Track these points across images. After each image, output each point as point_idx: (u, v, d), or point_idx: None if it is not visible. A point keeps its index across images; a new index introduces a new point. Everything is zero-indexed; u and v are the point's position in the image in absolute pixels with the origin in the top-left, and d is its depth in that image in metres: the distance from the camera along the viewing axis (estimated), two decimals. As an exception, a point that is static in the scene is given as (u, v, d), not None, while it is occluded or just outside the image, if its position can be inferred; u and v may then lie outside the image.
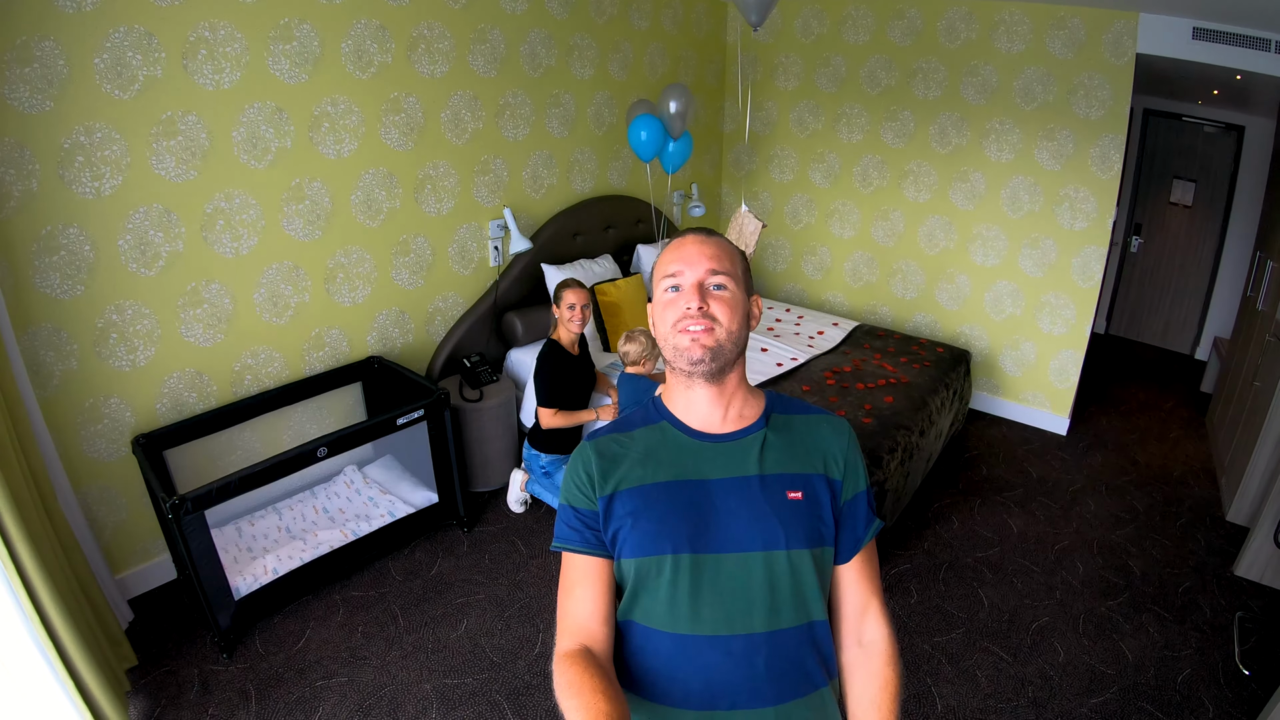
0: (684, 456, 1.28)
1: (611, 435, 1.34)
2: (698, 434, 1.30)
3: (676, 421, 1.32)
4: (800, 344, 4.90)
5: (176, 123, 3.11)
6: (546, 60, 4.52)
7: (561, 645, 1.20)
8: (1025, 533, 4.06)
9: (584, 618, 1.23)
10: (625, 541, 1.24)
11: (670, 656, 1.24)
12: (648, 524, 1.23)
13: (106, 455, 3.21)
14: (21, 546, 2.31)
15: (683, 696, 1.24)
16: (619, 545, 1.25)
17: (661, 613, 1.23)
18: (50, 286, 2.91)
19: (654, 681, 1.26)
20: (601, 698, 1.04)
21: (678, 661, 1.23)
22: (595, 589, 1.25)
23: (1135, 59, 4.41)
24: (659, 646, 1.24)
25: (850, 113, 5.51)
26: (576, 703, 1.05)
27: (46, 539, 2.50)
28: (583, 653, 1.16)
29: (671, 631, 1.23)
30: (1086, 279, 4.91)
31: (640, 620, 1.26)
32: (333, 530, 3.55)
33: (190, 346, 3.38)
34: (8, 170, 2.71)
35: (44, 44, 2.70)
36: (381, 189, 3.90)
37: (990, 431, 5.26)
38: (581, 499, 1.28)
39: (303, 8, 3.38)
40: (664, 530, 1.22)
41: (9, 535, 2.29)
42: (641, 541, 1.22)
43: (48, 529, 2.56)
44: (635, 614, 1.27)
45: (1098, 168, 4.70)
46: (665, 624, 1.23)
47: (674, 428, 1.32)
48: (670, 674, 1.24)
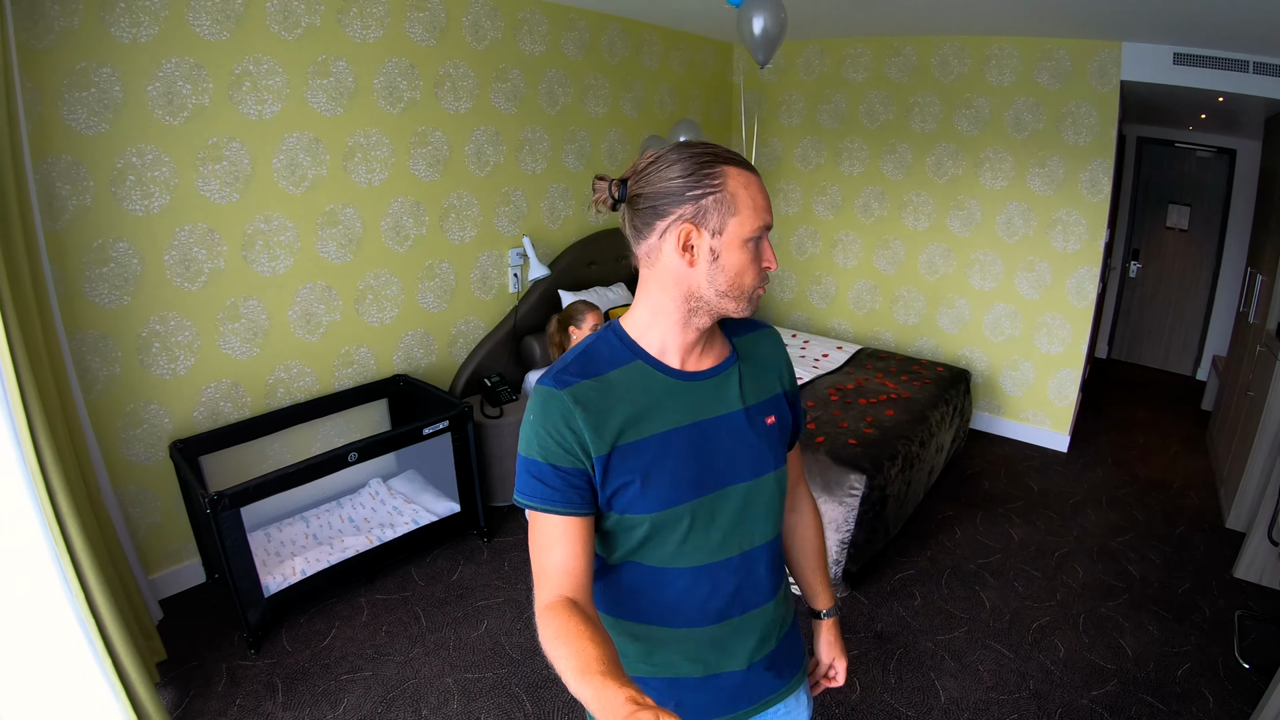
0: (673, 399, 1.20)
1: (583, 381, 1.16)
2: (679, 373, 1.21)
3: (652, 360, 1.20)
4: (806, 365, 4.92)
5: (221, 148, 3.22)
6: (563, 98, 4.65)
7: (543, 597, 1.10)
8: (1026, 541, 4.02)
9: (565, 571, 1.12)
10: (635, 499, 1.16)
11: (685, 587, 1.23)
12: (660, 480, 1.16)
13: (144, 459, 3.26)
14: (75, 533, 2.36)
15: (699, 615, 1.25)
16: (623, 502, 1.16)
17: (674, 553, 1.21)
18: (99, 296, 2.99)
19: (666, 609, 1.25)
20: (590, 643, 0.98)
21: (692, 589, 1.23)
22: (577, 545, 1.14)
23: (1120, 86, 4.49)
24: (673, 580, 1.23)
25: (851, 147, 5.60)
26: (565, 650, 0.99)
27: (92, 530, 2.54)
28: (566, 602, 1.08)
29: (686, 566, 1.22)
30: (1081, 299, 4.94)
31: (649, 561, 1.22)
32: (358, 536, 3.57)
33: (227, 358, 3.45)
34: (64, 185, 2.82)
35: (102, 71, 2.82)
36: (409, 216, 4.00)
37: (992, 449, 5.23)
38: (563, 456, 1.13)
39: (339, 46, 3.51)
40: (677, 483, 1.18)
41: (65, 522, 2.34)
42: (657, 498, 1.17)
43: (93, 521, 2.60)
44: (642, 556, 1.22)
45: (1088, 191, 4.76)
46: (679, 561, 1.22)
47: (652, 367, 1.20)
48: (684, 600, 1.24)
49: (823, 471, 3.49)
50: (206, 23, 3.06)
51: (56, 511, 2.33)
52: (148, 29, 2.90)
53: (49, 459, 2.33)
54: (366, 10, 3.57)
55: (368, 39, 3.61)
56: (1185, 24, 3.83)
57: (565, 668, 0.97)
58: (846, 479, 3.43)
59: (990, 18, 4.39)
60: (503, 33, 4.19)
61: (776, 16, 3.33)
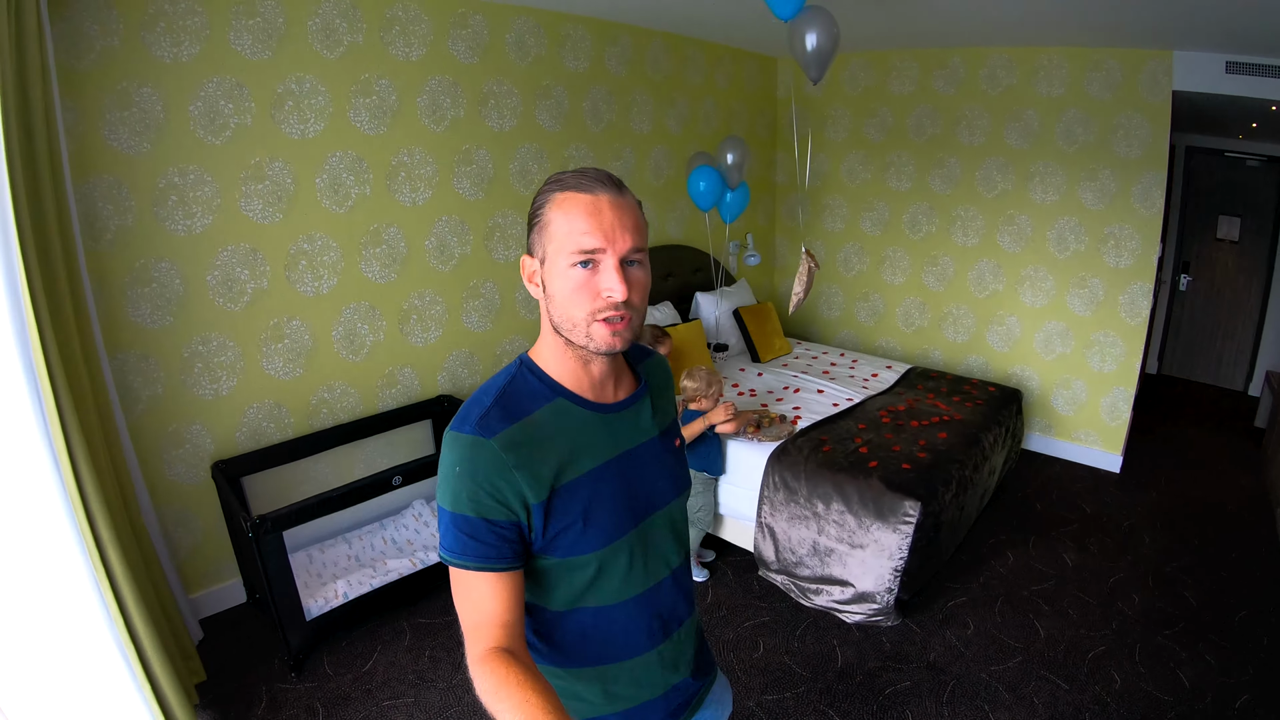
0: (598, 433, 1.16)
1: (510, 426, 1.07)
2: (598, 406, 1.17)
3: (573, 396, 1.15)
4: (855, 386, 4.67)
5: (264, 168, 3.10)
6: (608, 115, 4.49)
7: (475, 650, 1.02)
8: (1080, 566, 3.76)
9: (499, 625, 1.04)
10: (578, 539, 1.11)
11: (631, 618, 1.21)
12: (601, 516, 1.13)
13: (187, 479, 3.13)
14: (113, 553, 2.24)
15: (648, 641, 1.24)
16: (566, 543, 1.10)
17: (620, 587, 1.18)
18: (141, 316, 2.88)
19: (618, 645, 1.22)
20: (532, 692, 0.94)
21: (638, 618, 1.22)
22: (510, 598, 1.06)
23: (1171, 96, 4.22)
24: (619, 615, 1.20)
25: (898, 161, 5.35)
26: (508, 703, 0.94)
27: (131, 551, 2.41)
28: (501, 653, 1.01)
29: (628, 598, 1.19)
30: (1134, 316, 4.64)
31: (596, 602, 1.17)
32: (402, 559, 3.40)
33: (270, 379, 3.32)
34: (106, 205, 2.71)
35: (143, 90, 2.72)
36: (454, 235, 3.85)
37: (1044, 470, 4.93)
38: (496, 509, 1.05)
39: (382, 65, 3.39)
40: (616, 516, 1.15)
41: (104, 543, 2.23)
42: (600, 535, 1.13)
43: (132, 542, 2.47)
44: (589, 598, 1.17)
45: (1140, 205, 4.47)
46: (625, 593, 1.19)
47: (573, 403, 1.15)
48: (633, 631, 1.22)
49: (876, 497, 3.27)
50: (248, 41, 2.95)
51: (95, 534, 2.22)
52: (189, 48, 2.80)
53: (88, 480, 2.21)
54: (409, 29, 3.44)
55: (410, 57, 3.48)
56: (1238, 32, 3.61)
57: (510, 719, 0.93)
58: (901, 505, 3.21)
59: (1039, 28, 4.15)
60: (546, 49, 4.04)
61: (829, 31, 3.12)
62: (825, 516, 3.39)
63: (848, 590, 3.31)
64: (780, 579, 3.54)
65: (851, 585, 3.29)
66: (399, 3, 3.38)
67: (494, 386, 1.13)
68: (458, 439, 1.07)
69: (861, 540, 3.28)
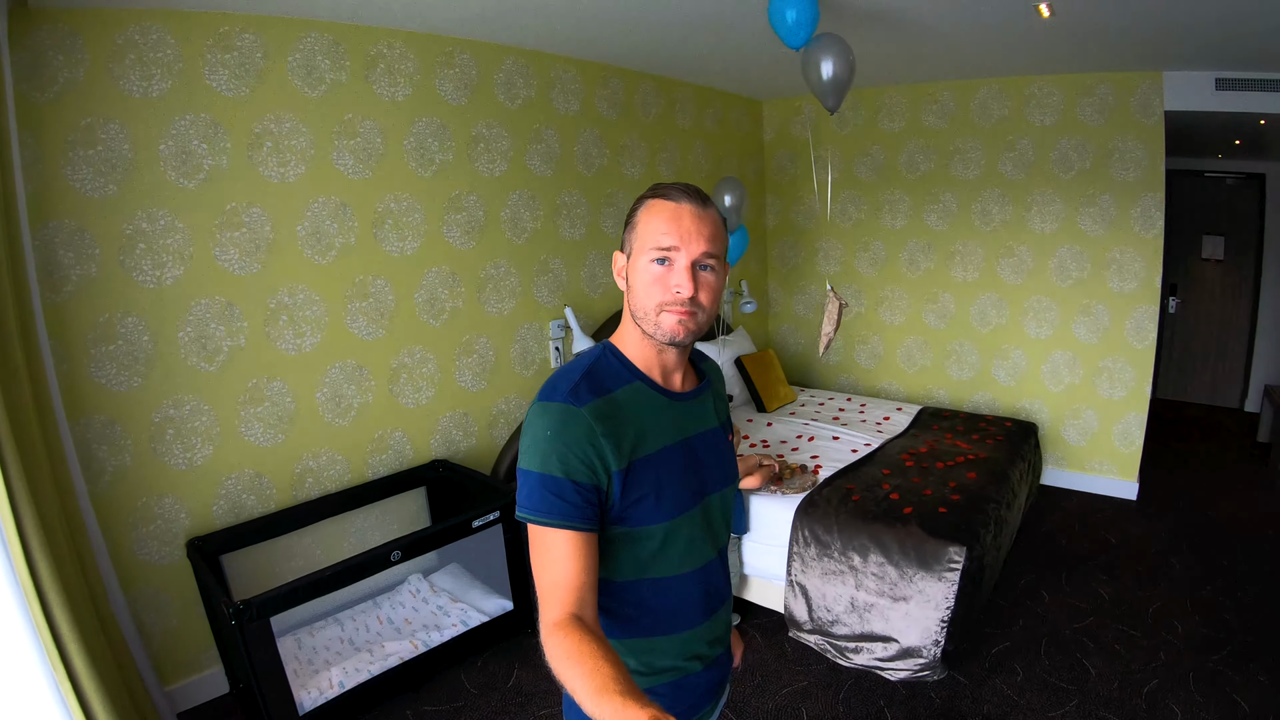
0: (669, 416, 1.26)
1: (597, 399, 1.17)
2: (670, 393, 1.28)
3: (649, 380, 1.26)
4: (870, 430, 4.45)
5: (241, 214, 2.84)
6: (599, 160, 4.31)
7: (550, 615, 1.08)
8: (1117, 599, 3.62)
9: (575, 588, 1.10)
10: (650, 510, 1.19)
11: (685, 591, 1.29)
12: (670, 491, 1.22)
13: (159, 558, 2.76)
14: (74, 647, 1.91)
15: (697, 615, 1.31)
16: (639, 514, 1.19)
17: (678, 561, 1.26)
18: (106, 377, 2.56)
19: (670, 617, 1.29)
20: (604, 662, 0.98)
21: (691, 592, 1.29)
22: (588, 560, 1.12)
23: (1164, 116, 4.21)
24: (675, 587, 1.27)
25: (892, 199, 5.24)
26: (579, 670, 0.98)
27: (96, 642, 2.04)
28: (575, 620, 1.06)
29: (685, 572, 1.27)
30: (1141, 340, 4.54)
31: (656, 574, 1.25)
32: (401, 641, 3.03)
33: (250, 446, 2.99)
34: (67, 253, 2.42)
35: (109, 126, 2.46)
36: (444, 288, 3.59)
37: (1061, 504, 4.76)
38: (584, 472, 1.12)
39: (366, 105, 3.18)
40: (682, 492, 1.24)
41: (62, 636, 1.90)
42: (669, 508, 1.21)
43: (97, 632, 2.11)
44: (651, 569, 1.24)
45: (1140, 228, 4.41)
46: (683, 567, 1.27)
47: (649, 387, 1.25)
48: (685, 604, 1.30)
49: (917, 546, 3.03)
50: (224, 77, 2.72)
51: (52, 626, 1.89)
52: (160, 83, 2.56)
53: (43, 565, 1.90)
54: (394, 67, 3.24)
55: (396, 97, 3.27)
56: (1225, 48, 3.60)
57: (580, 687, 0.96)
58: (945, 552, 2.98)
59: (1027, 57, 4.11)
60: (536, 91, 3.87)
61: (845, 58, 2.96)
62: (863, 570, 3.13)
63: (891, 646, 3.03)
64: (814, 639, 3.23)
65: (895, 641, 3.02)
66: (384, 39, 3.18)
67: (580, 365, 1.23)
68: (548, 407, 1.15)
69: (905, 592, 3.03)
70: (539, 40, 3.66)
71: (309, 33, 2.94)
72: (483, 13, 3.11)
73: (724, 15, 3.25)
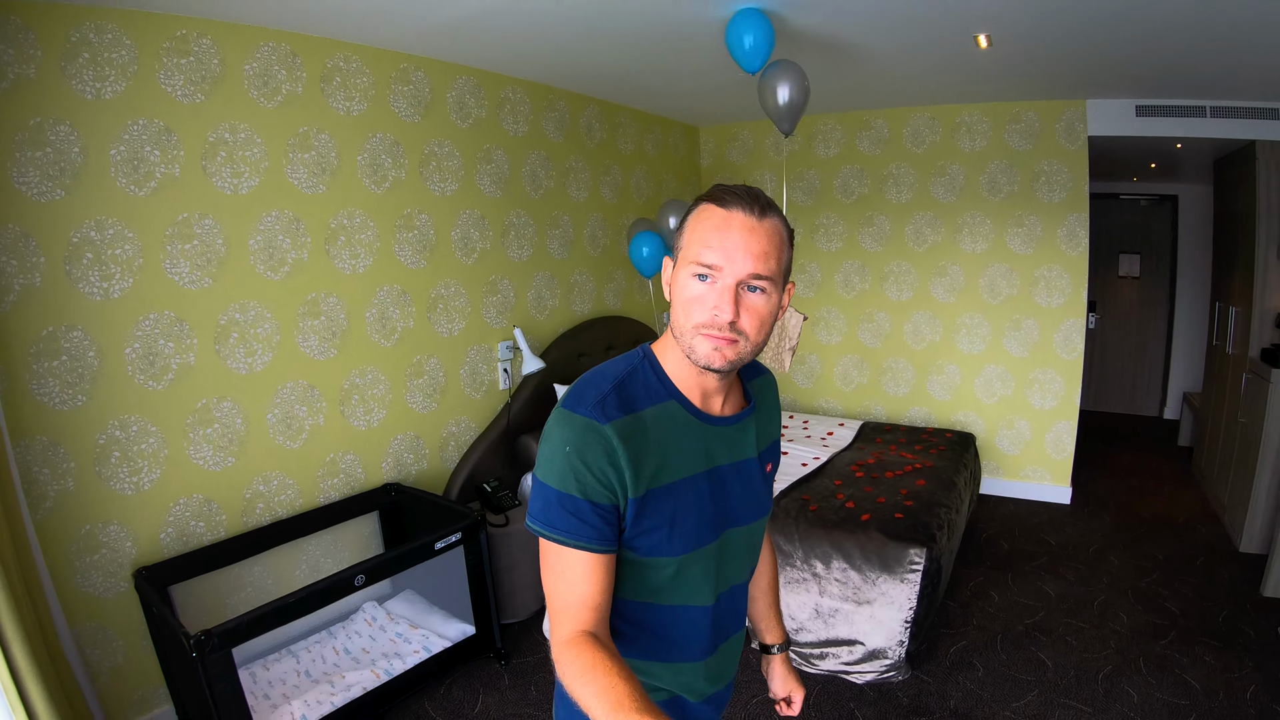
0: (700, 442, 1.16)
1: (624, 417, 1.08)
2: (707, 416, 1.17)
3: (685, 401, 1.15)
4: (816, 445, 4.56)
5: (193, 225, 2.73)
6: (546, 182, 4.32)
7: (563, 633, 1.05)
8: (1063, 595, 3.83)
9: (591, 606, 1.06)
10: (663, 542, 1.12)
11: (691, 623, 1.22)
12: (686, 524, 1.13)
13: (103, 590, 2.57)
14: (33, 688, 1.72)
15: (699, 650, 1.25)
16: (650, 543, 1.11)
17: (687, 593, 1.19)
18: (48, 395, 2.39)
19: (670, 645, 1.23)
20: (619, 679, 0.95)
21: (697, 625, 1.23)
22: (604, 580, 1.08)
23: (1088, 141, 4.51)
24: (682, 617, 1.21)
25: (827, 222, 5.42)
26: (594, 688, 0.95)
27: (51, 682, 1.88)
28: (588, 637, 1.03)
29: (693, 605, 1.20)
30: (1070, 351, 4.82)
31: (667, 601, 1.19)
32: (362, 670, 2.90)
33: (199, 470, 2.83)
34: (10, 260, 2.26)
35: (59, 128, 2.33)
36: (396, 307, 3.52)
37: (999, 510, 4.98)
38: (602, 493, 1.05)
39: (321, 118, 3.11)
40: (701, 526, 1.16)
41: (21, 676, 1.71)
42: (684, 542, 1.14)
43: (50, 670, 1.94)
44: (663, 596, 1.18)
45: (1066, 246, 4.71)
46: (694, 599, 1.20)
47: (683, 408, 1.14)
48: (689, 636, 1.23)
49: (879, 550, 3.16)
50: (179, 82, 2.62)
51: (10, 664, 1.71)
52: (114, 84, 2.45)
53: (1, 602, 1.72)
54: (350, 81, 3.19)
55: (351, 111, 3.21)
56: (1145, 77, 3.89)
57: (594, 705, 0.94)
58: (906, 554, 3.11)
59: (957, 87, 4.36)
60: (486, 111, 3.86)
61: (800, 84, 3.11)
62: (826, 576, 3.21)
63: (857, 650, 3.12)
64: (778, 649, 3.25)
65: (861, 644, 3.11)
66: (340, 52, 3.14)
67: (613, 373, 1.13)
68: (572, 418, 1.07)
69: (868, 595, 3.13)
70: (490, 60, 3.68)
71: (267, 41, 2.87)
72: (436, 29, 3.10)
73: (681, 40, 3.33)
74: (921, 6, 2.87)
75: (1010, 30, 3.15)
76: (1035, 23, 3.04)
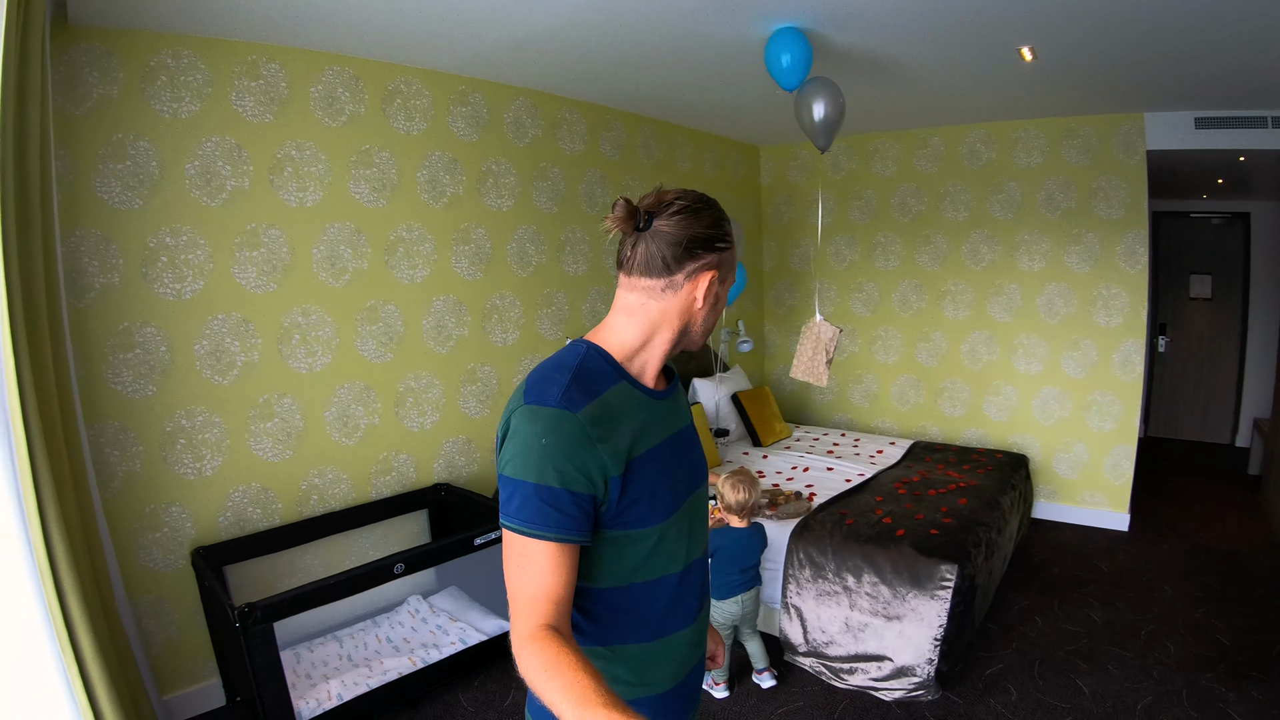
0: (654, 415, 1.21)
1: (590, 403, 1.11)
2: (652, 392, 1.23)
3: (634, 380, 1.20)
4: (863, 462, 4.48)
5: (260, 235, 2.92)
6: (602, 199, 4.41)
7: (525, 627, 1.04)
8: (1110, 622, 3.61)
9: (555, 600, 1.07)
10: (646, 511, 1.15)
11: (673, 593, 1.24)
12: (664, 490, 1.18)
13: (163, 565, 2.75)
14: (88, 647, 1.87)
15: (684, 618, 1.28)
16: (635, 515, 1.14)
17: (667, 561, 1.22)
18: (122, 383, 2.59)
19: (658, 621, 1.24)
20: (584, 674, 0.95)
21: (678, 592, 1.25)
22: (570, 572, 1.09)
23: (1146, 155, 4.34)
24: (664, 589, 1.23)
25: (884, 241, 5.34)
26: (558, 683, 0.95)
27: (107, 648, 2.03)
28: (551, 631, 1.02)
29: (673, 573, 1.23)
30: (1129, 373, 4.60)
31: (648, 576, 1.20)
32: (400, 658, 3.00)
33: (258, 460, 3.00)
34: (92, 261, 2.48)
35: (139, 144, 2.55)
36: (451, 316, 3.66)
37: (1053, 535, 4.76)
38: (580, 481, 1.07)
39: (382, 137, 3.28)
40: (677, 489, 1.22)
41: (76, 632, 1.86)
42: (664, 507, 1.18)
43: (105, 634, 2.09)
44: (643, 572, 1.20)
45: (1125, 264, 4.51)
46: (670, 569, 1.23)
47: (633, 387, 1.19)
48: (673, 606, 1.25)
49: (910, 565, 3.07)
50: (250, 103, 2.83)
51: (69, 624, 1.86)
52: (189, 104, 2.66)
53: (62, 558, 1.88)
54: (410, 103, 3.36)
55: (411, 131, 3.38)
56: (1203, 88, 3.74)
57: (559, 700, 0.94)
58: (936, 570, 3.01)
59: (1010, 102, 4.27)
60: (543, 130, 3.99)
61: (835, 101, 3.10)
62: (857, 590, 3.14)
63: (885, 666, 3.03)
64: (809, 662, 3.21)
65: (889, 660, 3.02)
66: (401, 75, 3.31)
67: (566, 364, 1.15)
68: (539, 412, 1.08)
69: (898, 611, 3.04)
70: (546, 82, 3.80)
71: (332, 65, 3.07)
72: (494, 53, 3.24)
73: (723, 62, 3.39)
74: (960, 21, 2.84)
75: (1053, 42, 3.08)
76: (1078, 34, 2.97)
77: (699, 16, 2.82)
